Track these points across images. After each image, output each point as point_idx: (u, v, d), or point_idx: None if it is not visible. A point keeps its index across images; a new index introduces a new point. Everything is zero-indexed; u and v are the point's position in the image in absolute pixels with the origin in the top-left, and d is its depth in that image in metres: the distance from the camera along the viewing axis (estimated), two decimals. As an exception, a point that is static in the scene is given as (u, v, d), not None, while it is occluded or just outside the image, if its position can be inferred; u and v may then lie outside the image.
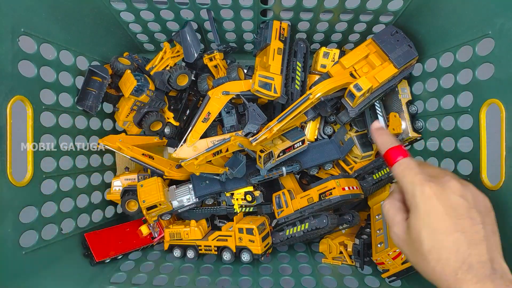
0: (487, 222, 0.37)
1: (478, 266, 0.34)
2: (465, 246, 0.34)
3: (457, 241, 0.35)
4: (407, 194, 0.39)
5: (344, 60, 0.70)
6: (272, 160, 0.73)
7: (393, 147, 0.42)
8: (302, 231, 0.75)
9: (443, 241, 0.35)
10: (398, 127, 0.77)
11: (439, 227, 0.36)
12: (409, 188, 0.38)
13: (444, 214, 0.36)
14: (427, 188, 0.37)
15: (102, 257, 0.73)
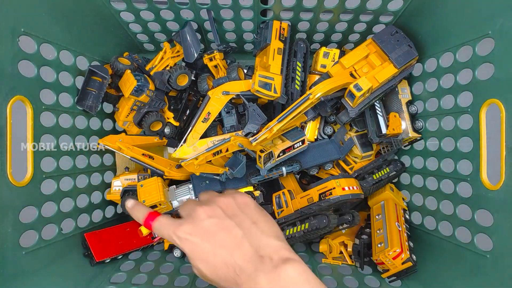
0: (244, 218, 0.41)
1: (246, 265, 0.37)
2: (229, 256, 0.38)
3: (221, 256, 0.38)
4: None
5: (344, 60, 0.70)
6: (272, 160, 0.73)
7: (148, 214, 0.45)
8: (302, 231, 0.75)
9: (214, 264, 0.38)
10: (398, 127, 0.77)
11: (205, 256, 0.39)
12: (171, 240, 0.41)
13: (203, 242, 0.39)
14: (179, 233, 0.40)
15: (102, 257, 0.73)
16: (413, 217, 0.81)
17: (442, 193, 0.70)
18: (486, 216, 0.57)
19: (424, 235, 0.75)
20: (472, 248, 0.59)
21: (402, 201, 0.82)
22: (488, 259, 0.55)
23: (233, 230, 0.40)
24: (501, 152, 0.52)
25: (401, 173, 0.83)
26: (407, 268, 0.66)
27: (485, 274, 0.56)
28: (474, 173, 0.61)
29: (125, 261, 0.77)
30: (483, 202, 0.58)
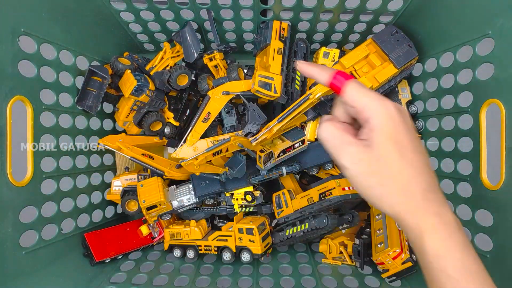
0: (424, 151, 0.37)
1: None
2: (428, 168, 0.34)
3: (424, 162, 0.34)
4: (369, 112, 0.35)
5: (344, 60, 0.70)
6: (272, 160, 0.73)
7: (337, 71, 0.38)
8: (302, 231, 0.75)
9: (412, 161, 0.34)
10: (398, 127, 0.77)
11: (408, 146, 0.34)
12: (372, 105, 0.35)
13: (412, 134, 0.35)
14: (392, 106, 0.35)
15: (102, 257, 0.73)
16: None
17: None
18: (486, 216, 0.57)
19: (424, 235, 0.75)
20: (472, 248, 0.59)
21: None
22: (488, 259, 0.55)
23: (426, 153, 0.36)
24: (501, 152, 0.52)
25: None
26: (407, 268, 0.66)
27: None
28: (474, 173, 0.61)
29: (125, 261, 0.77)
30: (483, 202, 0.58)
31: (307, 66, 0.41)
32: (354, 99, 0.36)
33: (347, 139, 0.36)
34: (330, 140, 0.38)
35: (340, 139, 0.37)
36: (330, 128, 0.38)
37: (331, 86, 0.38)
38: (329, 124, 0.38)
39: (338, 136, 0.37)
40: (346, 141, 0.36)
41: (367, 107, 0.35)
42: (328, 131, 0.38)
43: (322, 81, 0.39)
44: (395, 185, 0.34)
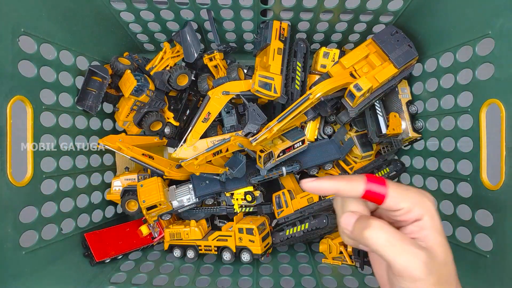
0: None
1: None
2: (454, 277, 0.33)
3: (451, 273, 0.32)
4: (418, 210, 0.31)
5: (344, 60, 0.70)
6: (272, 160, 0.73)
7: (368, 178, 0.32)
8: (302, 231, 0.75)
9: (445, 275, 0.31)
10: (398, 127, 0.77)
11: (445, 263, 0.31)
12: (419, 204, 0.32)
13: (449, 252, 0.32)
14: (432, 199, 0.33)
15: (102, 257, 0.73)
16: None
17: (442, 193, 0.70)
18: (486, 216, 0.57)
19: (424, 235, 0.75)
20: (472, 248, 0.59)
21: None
22: (488, 259, 0.55)
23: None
24: (501, 152, 0.52)
25: (401, 173, 0.83)
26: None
27: (485, 274, 0.56)
28: (474, 173, 0.61)
29: (125, 261, 0.77)
30: (483, 202, 0.58)
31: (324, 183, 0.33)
32: (400, 201, 0.32)
33: (413, 242, 0.31)
34: (394, 244, 0.30)
35: (407, 242, 0.30)
36: (389, 230, 0.31)
37: (368, 197, 0.32)
38: (384, 224, 0.31)
39: (402, 239, 0.31)
40: (414, 244, 0.30)
41: (415, 205, 0.31)
42: (388, 234, 0.31)
43: (355, 195, 0.33)
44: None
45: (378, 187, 0.32)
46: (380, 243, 0.31)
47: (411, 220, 0.32)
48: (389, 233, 0.31)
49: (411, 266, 0.30)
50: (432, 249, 0.31)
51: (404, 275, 0.30)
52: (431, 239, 0.31)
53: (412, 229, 0.32)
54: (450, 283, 0.31)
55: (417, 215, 0.31)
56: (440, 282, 0.30)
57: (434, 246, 0.31)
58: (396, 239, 0.30)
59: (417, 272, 0.30)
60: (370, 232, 0.31)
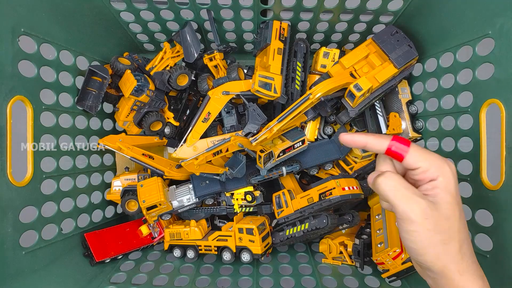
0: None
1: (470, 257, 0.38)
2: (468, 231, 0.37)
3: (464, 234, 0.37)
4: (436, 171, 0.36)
5: (344, 60, 0.70)
6: (272, 160, 0.73)
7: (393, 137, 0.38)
8: (302, 231, 0.75)
9: (465, 222, 0.36)
10: (398, 127, 0.77)
11: (461, 208, 0.37)
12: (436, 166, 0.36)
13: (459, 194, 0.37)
14: (452, 166, 0.37)
15: (102, 257, 0.73)
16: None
17: (442, 193, 0.70)
18: (486, 216, 0.57)
19: (424, 235, 0.75)
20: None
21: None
22: (488, 259, 0.55)
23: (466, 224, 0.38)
24: (501, 152, 0.52)
25: (401, 173, 0.83)
26: (407, 268, 0.66)
27: (485, 274, 0.56)
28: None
29: (125, 261, 0.77)
30: (483, 202, 0.58)
31: (357, 137, 0.40)
32: (418, 160, 0.36)
33: (417, 192, 0.36)
34: (398, 190, 0.37)
35: (410, 191, 0.36)
36: (397, 178, 0.37)
37: (391, 153, 0.38)
38: (394, 174, 0.38)
39: (407, 187, 0.36)
40: (417, 193, 0.36)
41: (432, 167, 0.36)
42: (395, 181, 0.37)
43: (379, 149, 0.39)
44: (455, 244, 0.36)
45: (401, 145, 0.37)
46: (387, 189, 0.37)
47: (427, 179, 0.36)
48: (396, 181, 0.37)
49: (409, 210, 0.35)
50: (438, 204, 0.35)
51: (403, 218, 0.36)
52: (441, 197, 0.35)
53: (426, 187, 0.37)
54: (449, 235, 0.36)
55: (432, 175, 0.36)
56: (437, 230, 0.35)
57: (441, 202, 0.35)
58: (402, 186, 0.36)
59: (413, 215, 0.35)
60: (381, 178, 0.37)
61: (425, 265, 0.37)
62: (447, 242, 0.36)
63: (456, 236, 0.36)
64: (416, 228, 0.35)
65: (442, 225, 0.35)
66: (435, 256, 0.36)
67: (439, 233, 0.35)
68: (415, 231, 0.36)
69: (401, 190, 0.36)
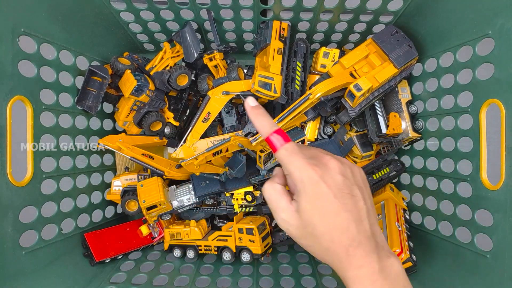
0: (366, 196, 0.39)
1: (366, 241, 0.36)
2: (354, 224, 0.36)
3: (347, 221, 0.36)
4: (295, 179, 0.38)
5: (344, 60, 0.70)
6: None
7: (276, 131, 0.40)
8: (302, 231, 0.75)
9: (334, 222, 0.36)
10: (398, 127, 0.77)
11: (329, 209, 0.36)
12: (296, 173, 0.37)
13: (332, 197, 0.36)
14: (313, 173, 0.37)
15: (102, 257, 0.73)
16: (413, 217, 0.81)
17: (442, 193, 0.70)
18: (486, 216, 0.57)
19: (424, 235, 0.75)
20: (472, 248, 0.59)
21: (402, 201, 0.82)
22: (488, 259, 0.55)
23: (360, 202, 0.38)
24: (501, 152, 0.52)
25: (401, 173, 0.83)
26: (407, 268, 0.66)
27: (485, 274, 0.56)
28: (474, 173, 0.61)
29: (125, 261, 0.77)
30: (483, 202, 0.58)
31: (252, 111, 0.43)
32: (284, 162, 0.39)
33: (281, 204, 0.39)
34: (269, 201, 0.40)
35: (276, 203, 0.40)
36: (269, 190, 0.41)
37: (268, 142, 0.40)
38: (269, 185, 0.41)
39: (275, 199, 0.40)
40: (280, 206, 0.39)
41: (293, 172, 0.38)
42: (268, 192, 0.41)
43: (262, 134, 0.41)
44: (320, 246, 0.37)
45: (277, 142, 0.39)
46: (265, 199, 0.41)
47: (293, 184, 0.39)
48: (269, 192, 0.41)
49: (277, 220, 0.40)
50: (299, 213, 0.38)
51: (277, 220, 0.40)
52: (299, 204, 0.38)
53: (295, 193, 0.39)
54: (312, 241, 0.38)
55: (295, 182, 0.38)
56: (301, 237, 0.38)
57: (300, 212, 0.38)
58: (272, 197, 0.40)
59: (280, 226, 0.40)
60: (262, 189, 0.42)
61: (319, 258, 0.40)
62: (312, 245, 0.38)
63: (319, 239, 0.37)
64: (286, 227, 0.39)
65: (303, 232, 0.38)
66: (315, 255, 0.39)
67: (303, 239, 0.38)
68: (288, 230, 0.39)
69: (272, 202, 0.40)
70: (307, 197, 0.37)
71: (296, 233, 0.39)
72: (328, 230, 0.36)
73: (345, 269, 0.36)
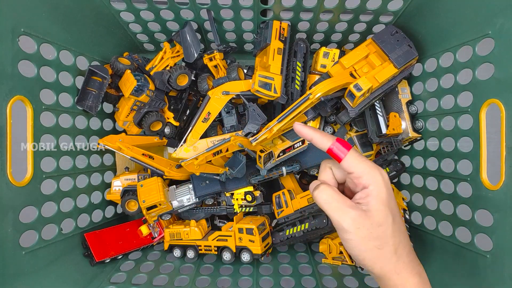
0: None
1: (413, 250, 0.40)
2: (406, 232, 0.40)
3: (404, 226, 0.39)
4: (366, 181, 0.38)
5: (344, 60, 0.70)
6: (272, 160, 0.73)
7: (337, 139, 0.41)
8: (302, 231, 0.75)
9: (399, 225, 0.39)
10: (398, 127, 0.77)
11: (395, 211, 0.39)
12: (369, 174, 0.38)
13: (394, 200, 0.39)
14: (384, 174, 0.39)
15: (102, 257, 0.73)
16: (413, 217, 0.81)
17: (442, 193, 0.70)
18: (486, 216, 0.57)
19: (424, 235, 0.75)
20: (472, 248, 0.59)
21: (402, 201, 0.82)
22: (488, 259, 0.55)
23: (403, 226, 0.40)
24: (501, 152, 0.52)
25: (401, 173, 0.83)
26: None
27: (485, 274, 0.56)
28: (474, 173, 0.61)
29: (125, 261, 0.77)
30: (483, 202, 0.58)
31: (307, 129, 0.43)
32: (352, 166, 0.39)
33: (348, 203, 0.39)
34: (331, 202, 0.39)
35: (341, 202, 0.39)
36: (329, 191, 0.40)
37: (331, 152, 0.41)
38: (327, 187, 0.41)
39: (339, 199, 0.39)
40: (348, 204, 0.39)
41: (365, 174, 0.38)
42: (328, 194, 0.40)
43: (322, 147, 0.42)
44: (389, 248, 0.38)
45: (341, 148, 0.40)
46: (321, 201, 0.40)
47: (360, 185, 0.39)
48: (328, 193, 0.40)
49: (342, 221, 0.38)
50: (370, 212, 0.38)
51: (338, 228, 0.39)
52: (372, 204, 0.38)
53: (360, 195, 0.39)
54: (383, 241, 0.38)
55: (365, 183, 0.39)
56: (370, 237, 0.38)
57: (372, 210, 0.38)
58: (333, 199, 0.39)
59: (345, 225, 0.38)
60: (315, 191, 0.41)
61: (366, 269, 0.40)
62: (382, 246, 0.38)
63: (390, 240, 0.38)
64: (350, 236, 0.38)
65: (375, 231, 0.38)
66: (372, 260, 0.38)
67: (372, 239, 0.38)
68: (350, 239, 0.38)
69: (333, 203, 0.39)
70: (380, 197, 0.38)
71: (365, 234, 0.38)
72: (397, 232, 0.38)
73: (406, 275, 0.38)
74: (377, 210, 0.38)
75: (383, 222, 0.38)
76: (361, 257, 0.39)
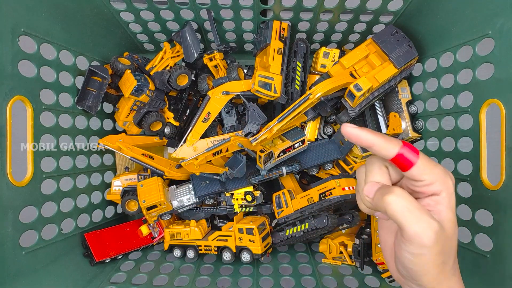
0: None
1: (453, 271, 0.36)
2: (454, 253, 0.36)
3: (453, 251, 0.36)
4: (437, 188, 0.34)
5: (344, 60, 0.70)
6: (272, 160, 0.73)
7: (404, 144, 0.34)
8: (302, 231, 0.75)
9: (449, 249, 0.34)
10: (398, 127, 0.77)
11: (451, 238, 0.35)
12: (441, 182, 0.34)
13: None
14: (454, 180, 0.35)
15: (102, 257, 0.73)
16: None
17: (442, 193, 0.70)
18: (486, 216, 0.57)
19: (424, 235, 0.75)
20: (472, 248, 0.59)
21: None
22: (488, 259, 0.55)
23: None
24: (501, 152, 0.52)
25: (401, 173, 0.83)
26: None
27: (485, 274, 0.56)
28: (474, 173, 0.61)
29: (125, 261, 0.77)
30: (483, 202, 0.58)
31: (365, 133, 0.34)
32: (425, 173, 0.33)
33: (429, 213, 0.33)
34: (412, 211, 0.32)
35: (424, 212, 0.32)
36: (409, 197, 0.33)
37: (397, 160, 0.34)
38: (405, 192, 0.33)
39: (420, 208, 0.33)
40: (429, 214, 0.33)
41: (437, 180, 0.34)
42: (408, 200, 0.32)
43: (386, 154, 0.34)
44: (451, 263, 0.35)
45: (411, 154, 0.33)
46: (399, 209, 0.32)
47: (429, 193, 0.34)
48: (408, 201, 0.32)
49: (423, 234, 0.32)
50: (442, 223, 0.33)
51: (413, 241, 0.32)
52: (444, 214, 0.34)
53: (428, 202, 0.34)
54: (450, 256, 0.34)
55: (436, 190, 0.34)
56: (442, 252, 0.33)
57: (445, 221, 0.34)
58: (414, 207, 0.32)
59: (426, 240, 0.32)
60: (391, 197, 0.33)
61: (420, 284, 0.35)
62: (446, 261, 0.34)
63: (453, 254, 0.35)
64: (425, 251, 0.32)
65: (446, 245, 0.33)
66: (434, 277, 0.34)
67: (442, 254, 0.33)
68: (423, 255, 0.33)
69: (415, 211, 0.32)
70: (451, 206, 0.34)
71: (439, 249, 0.32)
72: (456, 245, 0.35)
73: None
74: (449, 221, 0.34)
75: (452, 235, 0.34)
76: (424, 273, 0.34)
